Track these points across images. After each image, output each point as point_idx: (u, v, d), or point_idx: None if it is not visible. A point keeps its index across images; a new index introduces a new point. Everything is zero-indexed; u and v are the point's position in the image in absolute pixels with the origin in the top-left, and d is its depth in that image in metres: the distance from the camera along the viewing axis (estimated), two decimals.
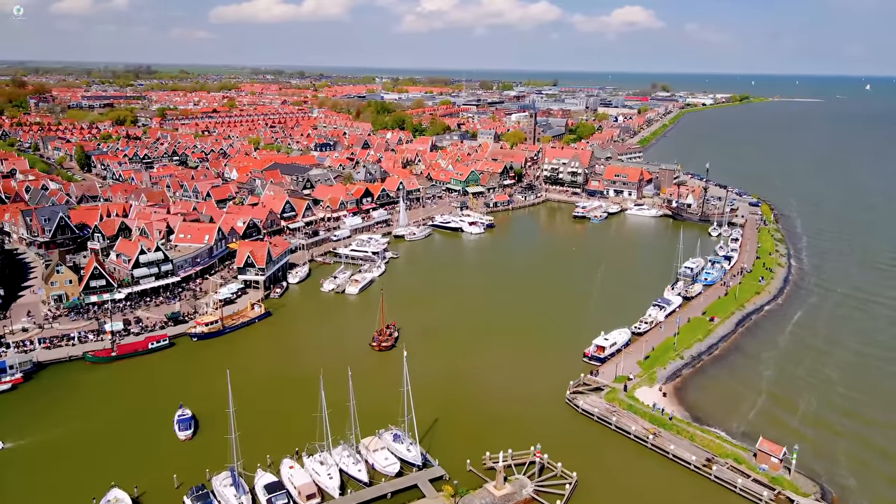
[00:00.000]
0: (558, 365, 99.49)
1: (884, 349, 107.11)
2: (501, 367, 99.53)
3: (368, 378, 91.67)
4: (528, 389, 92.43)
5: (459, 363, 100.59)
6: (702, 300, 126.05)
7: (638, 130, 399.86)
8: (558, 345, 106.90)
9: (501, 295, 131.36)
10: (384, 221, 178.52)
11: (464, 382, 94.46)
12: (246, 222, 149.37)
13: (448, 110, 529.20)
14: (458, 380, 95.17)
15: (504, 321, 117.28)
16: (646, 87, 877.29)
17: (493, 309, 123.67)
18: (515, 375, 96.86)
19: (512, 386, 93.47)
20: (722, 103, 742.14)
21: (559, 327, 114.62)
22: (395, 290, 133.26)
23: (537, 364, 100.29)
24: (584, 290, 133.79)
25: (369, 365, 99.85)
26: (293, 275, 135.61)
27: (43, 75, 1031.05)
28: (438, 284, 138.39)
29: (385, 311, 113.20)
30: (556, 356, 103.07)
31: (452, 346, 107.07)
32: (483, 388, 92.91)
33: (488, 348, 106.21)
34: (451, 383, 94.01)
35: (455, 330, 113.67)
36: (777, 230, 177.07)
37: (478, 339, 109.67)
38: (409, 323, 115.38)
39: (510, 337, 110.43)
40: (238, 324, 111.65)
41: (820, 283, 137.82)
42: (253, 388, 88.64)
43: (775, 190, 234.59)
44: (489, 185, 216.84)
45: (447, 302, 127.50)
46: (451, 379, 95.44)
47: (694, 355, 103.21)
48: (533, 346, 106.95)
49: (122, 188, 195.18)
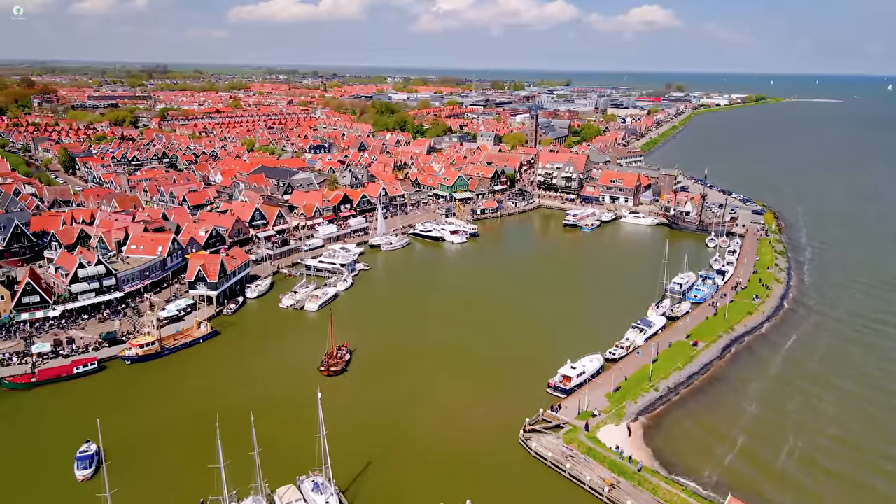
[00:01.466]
0: (520, 397, 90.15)
1: (884, 387, 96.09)
2: (456, 399, 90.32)
3: (309, 409, 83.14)
4: (479, 426, 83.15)
5: (409, 393, 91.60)
6: (688, 321, 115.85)
7: (645, 132, 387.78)
8: (524, 372, 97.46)
9: (472, 313, 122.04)
10: (362, 230, 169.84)
11: (409, 417, 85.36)
12: (208, 231, 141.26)
13: (454, 111, 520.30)
14: (404, 414, 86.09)
15: (470, 344, 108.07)
16: (660, 87, 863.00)
17: (460, 329, 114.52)
18: (469, 409, 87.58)
19: (463, 422, 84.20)
20: (737, 104, 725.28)
21: (528, 352, 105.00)
22: (359, 307, 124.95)
23: (497, 395, 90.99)
24: (562, 308, 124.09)
25: (313, 393, 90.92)
26: (252, 289, 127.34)
27: (59, 75, 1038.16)
28: (406, 301, 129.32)
29: (343, 330, 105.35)
30: (520, 386, 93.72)
31: (407, 371, 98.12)
32: (430, 425, 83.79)
33: (446, 375, 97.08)
34: (394, 418, 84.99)
35: (414, 353, 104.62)
36: (779, 241, 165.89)
37: (437, 364, 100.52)
38: (366, 344, 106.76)
39: (473, 362, 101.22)
40: (179, 345, 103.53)
41: (820, 302, 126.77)
42: (173, 422, 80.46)
43: (782, 197, 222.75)
44: (478, 190, 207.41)
45: (412, 321, 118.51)
46: (395, 412, 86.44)
47: (671, 386, 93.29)
48: (496, 373, 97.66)
49: (95, 192, 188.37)
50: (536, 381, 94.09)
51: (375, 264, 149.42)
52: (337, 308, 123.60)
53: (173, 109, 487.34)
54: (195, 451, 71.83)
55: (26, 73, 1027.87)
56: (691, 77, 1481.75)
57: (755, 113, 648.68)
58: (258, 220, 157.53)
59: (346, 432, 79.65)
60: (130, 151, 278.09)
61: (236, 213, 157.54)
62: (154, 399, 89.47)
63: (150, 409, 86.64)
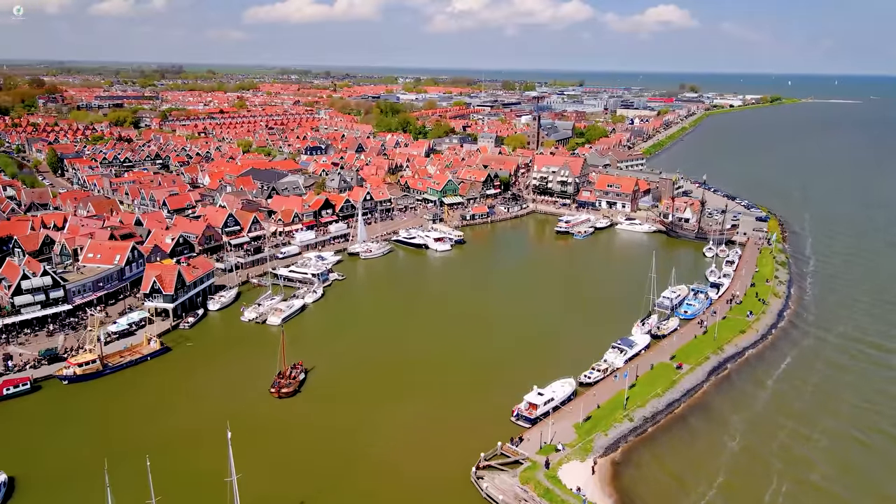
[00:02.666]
0: (483, 425, 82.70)
1: (877, 424, 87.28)
2: (413, 428, 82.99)
3: (251, 437, 76.66)
4: (432, 462, 75.70)
5: (362, 419, 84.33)
6: (674, 340, 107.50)
7: (653, 134, 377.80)
8: (492, 396, 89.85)
9: (445, 328, 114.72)
10: (343, 236, 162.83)
11: (357, 449, 78.01)
12: (175, 239, 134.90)
13: (460, 112, 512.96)
14: (351, 445, 78.79)
15: (438, 362, 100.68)
16: (674, 87, 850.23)
17: (430, 346, 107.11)
18: (425, 441, 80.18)
19: (415, 456, 76.79)
20: (751, 104, 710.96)
21: (500, 373, 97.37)
22: (325, 321, 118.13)
23: (458, 424, 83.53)
24: (542, 324, 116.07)
25: (259, 419, 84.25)
26: (215, 300, 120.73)
27: (74, 75, 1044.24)
28: (378, 314, 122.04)
29: (304, 346, 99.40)
30: (485, 413, 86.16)
31: (365, 393, 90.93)
32: (378, 459, 76.42)
33: (408, 399, 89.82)
34: (340, 449, 77.77)
35: (377, 371, 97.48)
36: (782, 251, 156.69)
37: (399, 385, 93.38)
38: (326, 362, 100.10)
39: (439, 384, 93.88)
40: (124, 363, 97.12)
41: (819, 320, 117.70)
42: (92, 454, 73.79)
43: (789, 202, 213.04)
44: (469, 195, 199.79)
45: (380, 336, 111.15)
46: (343, 443, 79.26)
47: (647, 416, 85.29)
48: (462, 397, 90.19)
49: (73, 196, 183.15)
50: (503, 407, 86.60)
51: (351, 273, 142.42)
52: (302, 321, 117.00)
53: (176, 109, 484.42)
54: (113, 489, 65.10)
55: (42, 72, 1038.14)
56: (707, 77, 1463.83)
57: (769, 114, 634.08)
58: (231, 226, 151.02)
59: (278, 468, 72.81)
60: (124, 152, 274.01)
61: (209, 218, 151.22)
62: (81, 425, 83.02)
63: (75, 436, 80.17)
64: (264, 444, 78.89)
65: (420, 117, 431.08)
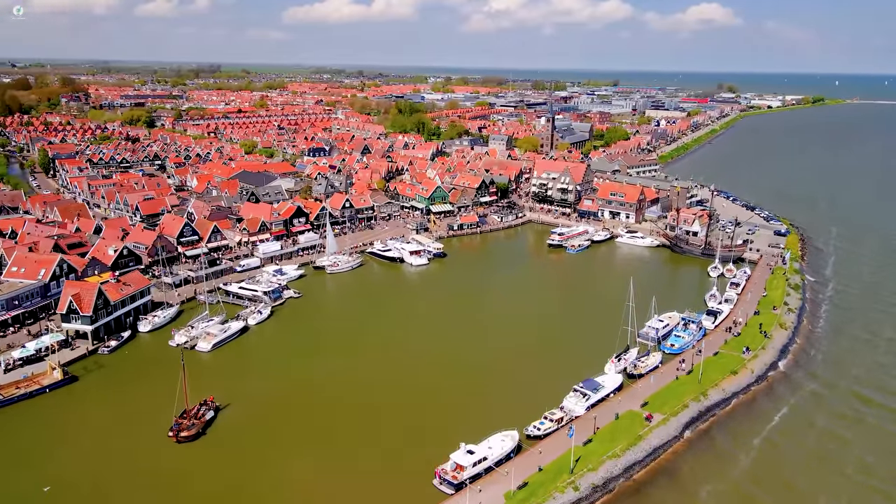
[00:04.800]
0: (400, 490, 69.61)
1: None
2: (316, 489, 70.29)
3: (130, 492, 65.31)
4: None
5: (262, 475, 71.79)
6: (651, 381, 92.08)
7: (678, 136, 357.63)
8: (423, 451, 76.39)
9: (393, 361, 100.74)
10: (314, 247, 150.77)
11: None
12: (118, 250, 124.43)
13: (482, 112, 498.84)
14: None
15: (373, 403, 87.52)
16: (712, 87, 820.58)
17: (370, 382, 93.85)
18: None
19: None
20: (792, 105, 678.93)
21: (436, 421, 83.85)
22: (262, 348, 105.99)
23: (372, 486, 70.36)
24: (505, 360, 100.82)
25: (145, 468, 72.51)
26: (147, 321, 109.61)
27: (113, 74, 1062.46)
28: (325, 340, 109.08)
29: (228, 379, 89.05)
30: (408, 472, 72.97)
31: (276, 440, 78.46)
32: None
33: (323, 448, 77.14)
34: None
35: (300, 412, 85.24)
36: (797, 271, 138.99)
37: (321, 432, 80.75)
38: (247, 398, 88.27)
39: (364, 433, 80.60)
40: (19, 394, 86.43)
41: (827, 362, 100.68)
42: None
43: (816, 214, 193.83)
44: (460, 202, 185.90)
45: (318, 368, 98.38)
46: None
47: (598, 483, 70.80)
48: (386, 451, 76.87)
49: (43, 199, 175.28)
50: (431, 467, 73.00)
51: (312, 290, 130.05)
52: (238, 347, 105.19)
53: (194, 109, 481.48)
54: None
55: (83, 72, 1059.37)
56: (749, 77, 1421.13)
57: (809, 115, 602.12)
58: (188, 235, 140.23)
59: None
60: (124, 152, 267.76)
61: (165, 227, 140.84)
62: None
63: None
64: (142, 501, 67.30)
65: (437, 118, 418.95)
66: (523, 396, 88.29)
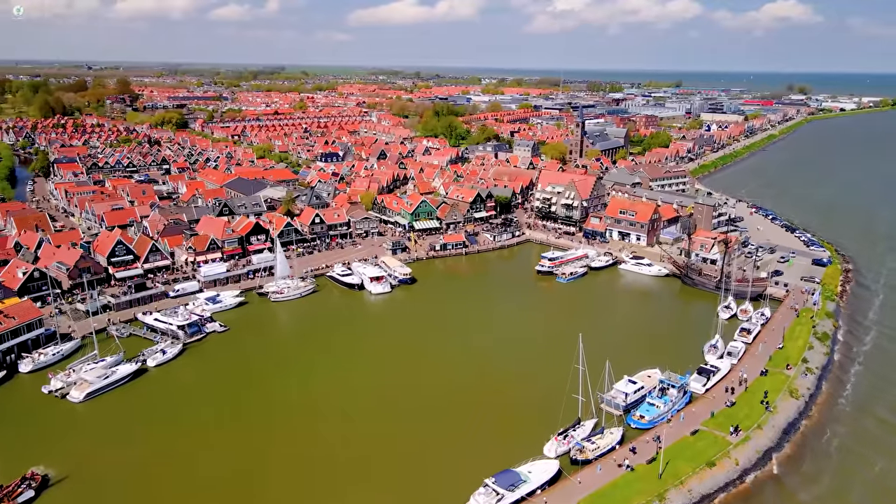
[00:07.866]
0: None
1: None
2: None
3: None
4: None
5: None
6: (598, 473, 70.76)
7: (728, 143, 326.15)
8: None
9: (294, 428, 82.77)
10: (269, 269, 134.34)
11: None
12: (27, 273, 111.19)
13: (523, 114, 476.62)
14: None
15: (258, 481, 69.98)
16: (782, 89, 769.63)
17: (265, 449, 76.17)
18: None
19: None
20: (868, 108, 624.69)
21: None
22: (150, 399, 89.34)
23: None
24: (422, 433, 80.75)
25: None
26: (30, 360, 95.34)
27: (180, 76, 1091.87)
28: (231, 392, 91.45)
29: (82, 441, 72.89)
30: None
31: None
32: None
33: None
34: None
35: (153, 496, 68.33)
36: (831, 315, 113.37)
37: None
38: (91, 471, 72.29)
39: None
40: None
41: (851, 445, 76.62)
42: None
43: (870, 240, 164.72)
44: (450, 218, 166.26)
45: (207, 428, 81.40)
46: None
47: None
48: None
49: (6, 208, 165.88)
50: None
51: (245, 323, 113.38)
52: (121, 396, 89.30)
53: (231, 111, 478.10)
54: None
55: (151, 74, 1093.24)
56: (827, 77, 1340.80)
57: (885, 119, 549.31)
58: (121, 255, 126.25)
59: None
60: (134, 156, 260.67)
61: (97, 245, 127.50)
62: None
63: None
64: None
65: (472, 121, 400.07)
66: (423, 494, 68.60)
